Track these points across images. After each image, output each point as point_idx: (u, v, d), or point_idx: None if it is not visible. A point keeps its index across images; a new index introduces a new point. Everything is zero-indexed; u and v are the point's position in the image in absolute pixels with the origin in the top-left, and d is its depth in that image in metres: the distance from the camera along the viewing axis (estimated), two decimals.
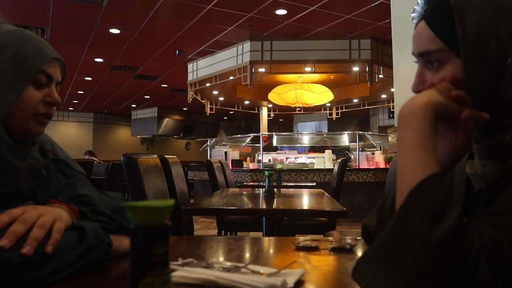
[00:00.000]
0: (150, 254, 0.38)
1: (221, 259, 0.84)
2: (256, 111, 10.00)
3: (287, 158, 6.86)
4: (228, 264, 0.70)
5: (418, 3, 3.39)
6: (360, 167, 6.24)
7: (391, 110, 9.01)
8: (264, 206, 1.98)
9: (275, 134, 7.25)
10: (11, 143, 0.79)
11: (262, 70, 6.68)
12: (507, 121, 0.61)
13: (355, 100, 9.07)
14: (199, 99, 8.49)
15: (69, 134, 13.25)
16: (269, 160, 6.86)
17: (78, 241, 0.70)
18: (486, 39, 0.60)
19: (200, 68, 7.53)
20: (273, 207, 1.93)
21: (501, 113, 0.61)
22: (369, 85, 6.84)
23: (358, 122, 12.78)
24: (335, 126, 11.33)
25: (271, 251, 0.96)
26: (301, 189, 3.03)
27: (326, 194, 2.54)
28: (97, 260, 0.71)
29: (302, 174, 6.05)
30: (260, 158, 6.65)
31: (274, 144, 7.22)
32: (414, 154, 0.54)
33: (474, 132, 0.64)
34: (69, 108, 13.01)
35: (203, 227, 5.38)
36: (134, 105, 12.54)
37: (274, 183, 3.20)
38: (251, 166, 6.70)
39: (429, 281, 0.45)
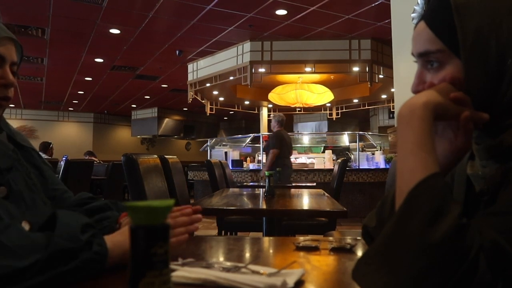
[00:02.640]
0: (150, 254, 0.38)
1: (221, 259, 0.84)
2: (256, 111, 10.00)
3: None
4: (228, 264, 0.70)
5: (418, 3, 3.40)
6: (360, 167, 6.23)
7: (391, 110, 9.01)
8: (264, 206, 1.98)
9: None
10: None
11: (262, 70, 6.68)
12: (507, 122, 0.61)
13: (355, 100, 9.06)
14: (199, 99, 8.49)
15: (69, 134, 13.25)
16: None
17: (44, 241, 0.60)
18: (486, 39, 0.60)
19: (200, 68, 7.53)
20: (273, 207, 1.93)
21: (501, 114, 0.61)
22: (369, 85, 6.84)
23: (358, 122, 12.78)
24: (335, 126, 11.33)
25: (271, 251, 0.96)
26: (301, 189, 3.03)
27: (326, 194, 2.54)
28: (75, 272, 0.60)
29: (302, 174, 6.05)
30: (260, 158, 6.65)
31: None
32: (413, 154, 0.54)
33: (474, 132, 0.64)
34: (69, 108, 13.00)
35: (203, 227, 5.38)
36: (134, 105, 12.54)
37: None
38: (251, 166, 6.70)
39: (428, 281, 0.45)
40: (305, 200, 2.25)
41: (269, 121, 9.94)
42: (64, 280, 0.60)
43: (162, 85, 9.65)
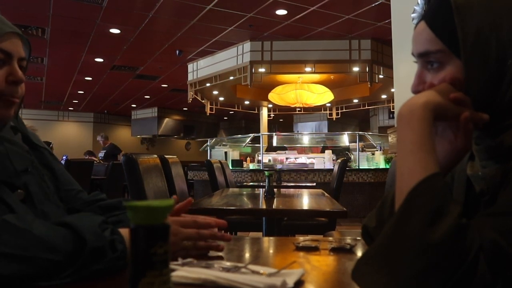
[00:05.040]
0: (150, 254, 0.38)
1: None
2: (256, 111, 10.00)
3: (287, 158, 6.85)
4: (228, 264, 0.70)
5: (418, 3, 3.40)
6: (360, 167, 6.24)
7: (391, 110, 9.01)
8: (264, 206, 1.98)
9: (275, 134, 7.24)
10: None
11: (262, 70, 6.68)
12: (508, 122, 0.61)
13: (355, 100, 9.06)
14: (199, 99, 8.49)
15: (69, 134, 13.25)
16: (269, 160, 6.86)
17: (78, 244, 0.62)
18: (487, 40, 0.60)
19: (200, 68, 7.53)
20: (273, 207, 1.93)
21: (501, 114, 0.61)
22: (369, 85, 6.84)
23: (358, 122, 12.78)
24: (335, 126, 11.33)
25: (271, 251, 0.96)
26: (301, 189, 3.03)
27: (326, 194, 2.54)
28: (104, 271, 0.62)
29: (302, 174, 6.05)
30: (260, 158, 6.65)
31: (274, 144, 7.22)
32: (413, 155, 0.54)
33: (474, 133, 0.64)
34: (69, 108, 13.00)
35: None
36: (134, 105, 12.54)
37: (274, 183, 3.20)
38: (251, 166, 6.70)
39: (428, 281, 0.45)
40: (305, 200, 2.25)
41: (269, 121, 9.96)
42: (90, 279, 0.61)
43: (162, 85, 9.65)
